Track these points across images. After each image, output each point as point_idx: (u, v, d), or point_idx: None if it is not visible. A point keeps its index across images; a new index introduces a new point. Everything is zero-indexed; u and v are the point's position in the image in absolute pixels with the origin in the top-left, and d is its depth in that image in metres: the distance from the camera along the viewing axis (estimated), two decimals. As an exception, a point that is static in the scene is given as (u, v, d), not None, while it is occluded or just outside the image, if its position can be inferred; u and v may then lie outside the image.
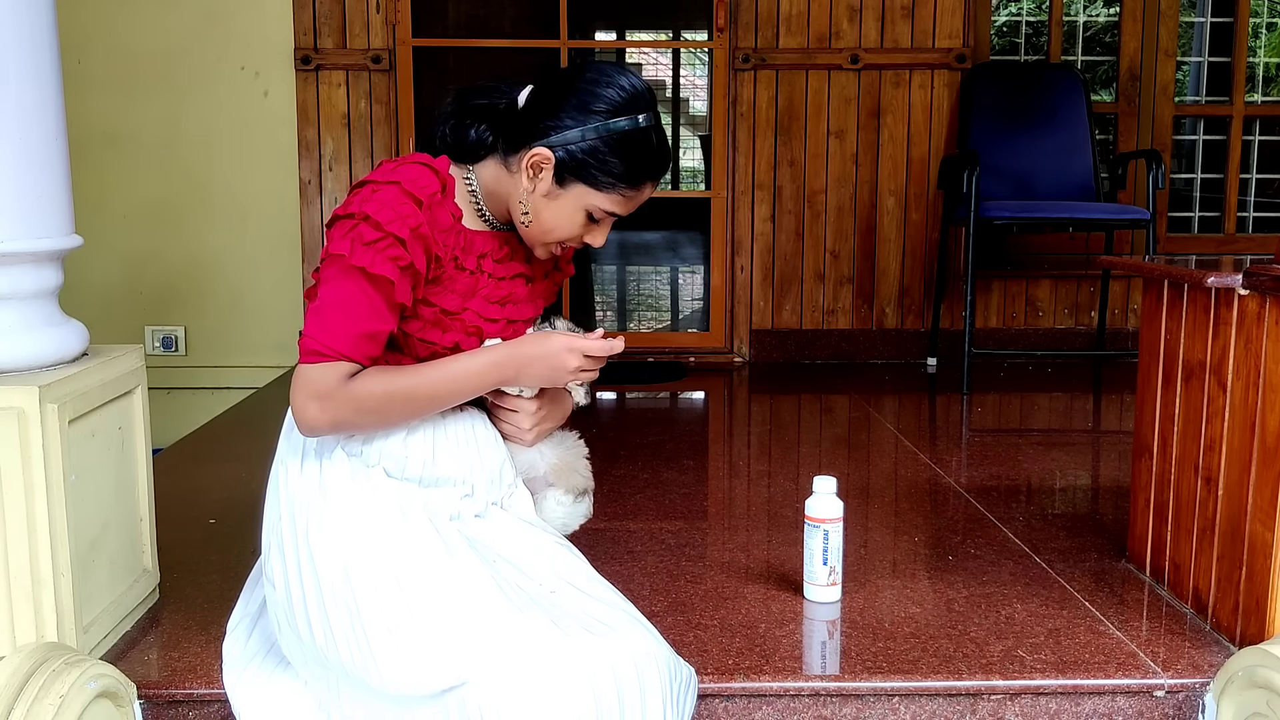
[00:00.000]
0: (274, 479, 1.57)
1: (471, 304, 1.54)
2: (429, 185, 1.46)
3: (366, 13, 4.15)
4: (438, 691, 1.36)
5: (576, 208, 1.51)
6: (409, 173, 1.45)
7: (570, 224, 1.52)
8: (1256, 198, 4.81)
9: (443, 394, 1.50)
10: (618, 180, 1.48)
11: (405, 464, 1.53)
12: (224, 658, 1.62)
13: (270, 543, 1.53)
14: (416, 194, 1.44)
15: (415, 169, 1.47)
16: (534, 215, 1.52)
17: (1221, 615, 1.76)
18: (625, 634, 1.40)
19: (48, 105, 1.65)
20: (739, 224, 4.34)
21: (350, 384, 1.43)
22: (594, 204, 1.50)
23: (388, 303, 1.43)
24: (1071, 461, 2.94)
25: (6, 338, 1.60)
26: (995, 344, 4.39)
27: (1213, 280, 1.73)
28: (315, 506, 1.49)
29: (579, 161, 1.47)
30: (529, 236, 1.55)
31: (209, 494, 2.56)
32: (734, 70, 4.27)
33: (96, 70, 4.07)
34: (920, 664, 1.65)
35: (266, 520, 1.56)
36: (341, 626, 1.43)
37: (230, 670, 1.60)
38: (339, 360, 1.42)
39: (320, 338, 1.42)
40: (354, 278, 1.41)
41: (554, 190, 1.50)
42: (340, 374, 1.42)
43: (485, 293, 1.56)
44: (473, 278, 1.54)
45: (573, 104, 1.47)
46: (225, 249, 4.23)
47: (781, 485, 2.67)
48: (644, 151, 1.48)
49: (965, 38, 4.27)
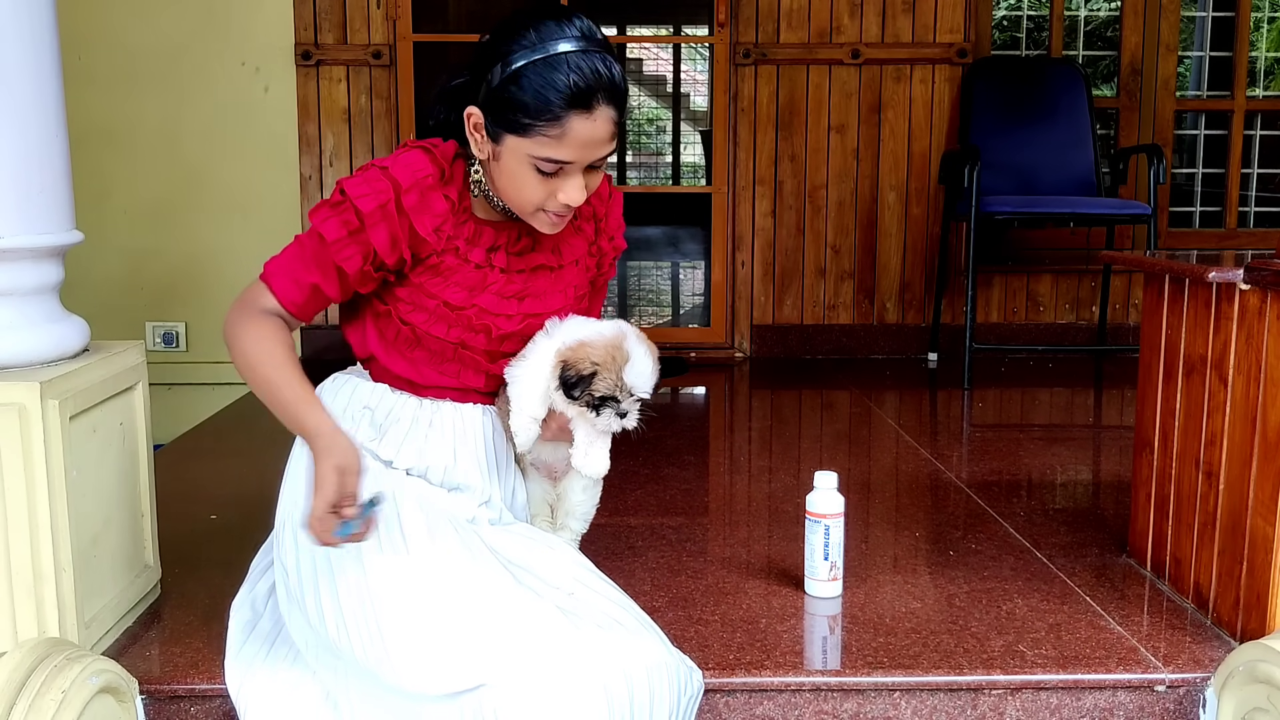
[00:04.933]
0: (294, 458, 1.56)
1: (479, 300, 1.52)
2: (421, 169, 1.46)
3: (367, 8, 4.15)
4: (454, 692, 1.34)
5: (518, 162, 1.43)
6: (404, 157, 1.47)
7: (525, 183, 1.44)
8: (1258, 192, 4.80)
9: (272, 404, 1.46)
10: (534, 119, 1.38)
11: (427, 469, 1.53)
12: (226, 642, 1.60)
13: (284, 527, 1.52)
14: (400, 179, 1.45)
15: (412, 154, 1.48)
16: (495, 182, 1.48)
17: (1222, 610, 1.76)
18: (640, 641, 1.39)
19: (48, 101, 1.65)
20: (740, 219, 4.34)
21: (257, 317, 1.48)
22: (529, 153, 1.41)
23: (318, 259, 1.47)
24: (1072, 456, 2.94)
25: (7, 334, 1.60)
26: (996, 339, 4.39)
27: (1214, 275, 1.72)
28: None
29: (497, 110, 1.41)
30: (515, 209, 1.50)
31: (210, 489, 2.56)
32: (735, 65, 4.26)
33: (97, 66, 4.06)
34: (921, 659, 1.65)
35: (281, 508, 1.55)
36: (355, 617, 1.41)
37: (232, 656, 1.58)
38: (265, 287, 1.50)
39: (271, 263, 1.51)
40: (310, 234, 1.49)
41: (494, 149, 1.45)
42: (258, 296, 1.50)
43: (496, 288, 1.53)
44: (480, 271, 1.52)
45: (489, 52, 1.42)
46: (226, 244, 4.23)
47: (782, 480, 2.67)
48: (553, 82, 1.37)
49: (966, 32, 4.27)
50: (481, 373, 1.58)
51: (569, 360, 1.51)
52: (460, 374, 1.57)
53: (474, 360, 1.56)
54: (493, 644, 1.35)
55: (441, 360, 1.55)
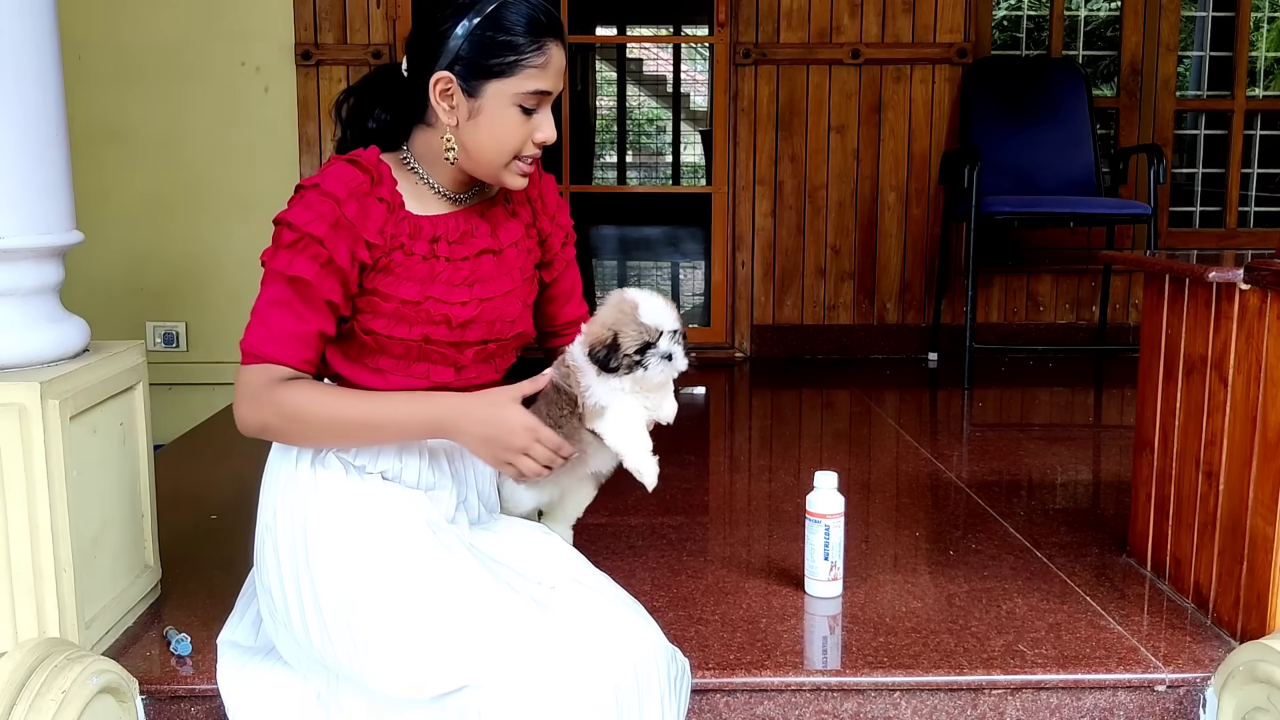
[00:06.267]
0: (267, 481, 1.56)
1: (433, 290, 1.51)
2: (352, 179, 1.46)
3: (367, 8, 4.15)
4: (437, 695, 1.36)
5: (504, 106, 1.46)
6: (331, 171, 1.46)
7: (509, 128, 1.47)
8: (1258, 192, 4.80)
9: (372, 432, 1.48)
10: (520, 53, 1.44)
11: (401, 471, 1.53)
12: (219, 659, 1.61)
13: (265, 544, 1.52)
14: (335, 191, 1.44)
15: (338, 167, 1.47)
16: (471, 143, 1.48)
17: (1222, 610, 1.76)
18: (623, 632, 1.40)
19: (49, 101, 1.65)
20: (740, 219, 4.34)
21: (280, 388, 1.43)
22: (515, 90, 1.45)
23: (308, 302, 1.44)
24: (1072, 456, 2.94)
25: (8, 334, 1.60)
26: (996, 339, 4.39)
27: (1214, 275, 1.72)
28: (311, 507, 1.48)
29: (476, 61, 1.44)
30: (486, 172, 1.51)
31: (210, 490, 2.56)
32: (735, 65, 4.26)
33: (98, 66, 4.06)
34: (921, 659, 1.65)
35: (260, 522, 1.55)
36: (338, 628, 1.42)
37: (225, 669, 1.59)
38: (266, 363, 1.44)
39: (249, 340, 1.45)
40: (277, 281, 1.44)
41: (473, 105, 1.47)
42: (268, 377, 1.44)
43: (445, 276, 1.52)
44: (428, 263, 1.51)
45: (441, 20, 1.46)
46: (226, 245, 4.22)
47: (782, 480, 2.67)
48: (525, 12, 1.44)
49: (966, 32, 4.27)
50: (449, 365, 1.56)
51: (589, 343, 1.49)
52: (430, 372, 1.56)
53: (440, 354, 1.55)
54: (475, 646, 1.36)
55: (408, 362, 1.53)
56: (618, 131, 11.15)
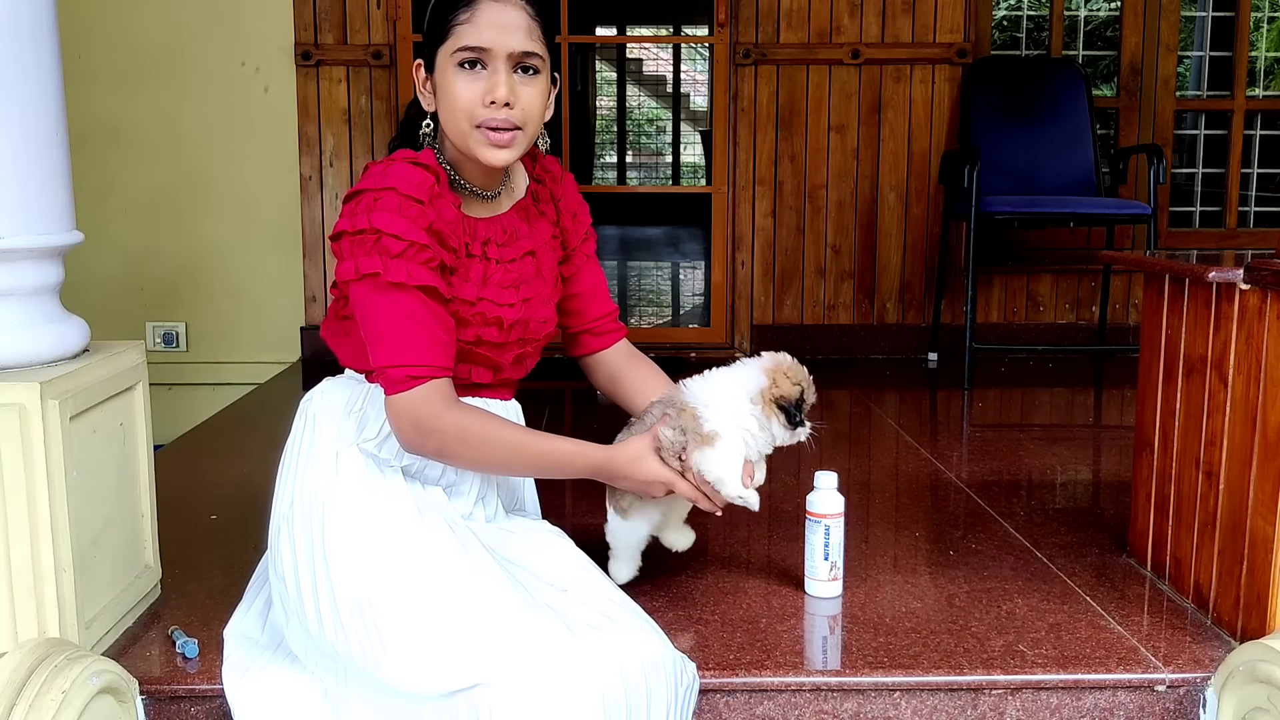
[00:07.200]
0: (284, 469, 1.56)
1: (486, 292, 1.53)
2: (423, 181, 1.46)
3: (367, 8, 4.15)
4: (448, 692, 1.35)
5: (449, 75, 1.48)
6: (400, 173, 1.44)
7: (455, 90, 1.48)
8: (1258, 192, 4.80)
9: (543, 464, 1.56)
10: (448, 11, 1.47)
11: (423, 468, 1.53)
12: (225, 656, 1.60)
13: (280, 530, 1.53)
14: (414, 194, 1.43)
15: (405, 168, 1.45)
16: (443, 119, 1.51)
17: (1222, 610, 1.76)
18: (634, 636, 1.40)
19: (49, 100, 1.65)
20: (740, 219, 4.34)
21: (463, 412, 1.46)
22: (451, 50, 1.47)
23: (440, 307, 1.45)
24: (1072, 456, 2.94)
25: (7, 334, 1.60)
26: (996, 339, 4.39)
27: (1214, 275, 1.72)
28: (331, 494, 1.48)
29: (427, 38, 1.51)
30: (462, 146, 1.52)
31: (210, 490, 2.56)
32: (735, 65, 4.26)
33: (98, 65, 4.06)
34: (921, 659, 1.65)
35: (276, 509, 1.55)
36: (352, 619, 1.42)
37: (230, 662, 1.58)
38: (431, 379, 1.43)
39: (404, 360, 1.41)
40: (401, 292, 1.41)
41: (434, 81, 1.51)
42: (440, 393, 1.44)
43: (497, 279, 1.55)
44: (484, 264, 1.53)
45: None
46: (226, 245, 4.23)
47: (782, 480, 2.67)
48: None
49: (966, 32, 4.27)
50: (490, 368, 1.59)
51: (778, 396, 1.64)
52: (471, 372, 1.58)
53: (485, 356, 1.57)
54: (488, 643, 1.35)
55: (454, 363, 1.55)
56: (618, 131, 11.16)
